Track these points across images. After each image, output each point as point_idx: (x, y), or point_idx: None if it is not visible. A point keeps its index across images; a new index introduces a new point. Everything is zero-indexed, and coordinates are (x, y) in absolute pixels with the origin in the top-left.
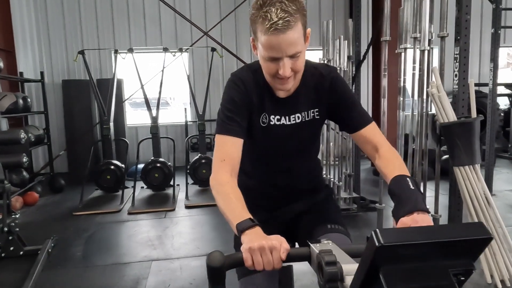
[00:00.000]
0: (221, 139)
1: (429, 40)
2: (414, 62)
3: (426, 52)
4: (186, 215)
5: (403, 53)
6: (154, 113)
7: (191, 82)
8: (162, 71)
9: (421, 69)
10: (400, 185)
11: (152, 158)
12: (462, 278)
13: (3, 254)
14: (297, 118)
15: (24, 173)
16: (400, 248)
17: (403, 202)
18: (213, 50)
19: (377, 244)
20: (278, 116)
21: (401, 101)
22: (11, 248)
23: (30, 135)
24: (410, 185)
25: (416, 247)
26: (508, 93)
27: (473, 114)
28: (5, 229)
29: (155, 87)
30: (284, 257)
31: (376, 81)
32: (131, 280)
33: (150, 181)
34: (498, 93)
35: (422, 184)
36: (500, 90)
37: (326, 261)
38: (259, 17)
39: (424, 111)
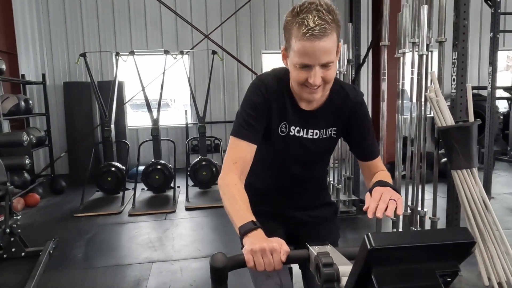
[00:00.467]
0: (236, 142)
1: (428, 45)
2: (413, 67)
3: (425, 57)
4: (187, 217)
5: (402, 58)
6: (155, 115)
7: (192, 85)
8: (163, 74)
9: (420, 74)
10: (379, 183)
11: (153, 160)
12: (449, 279)
13: (5, 255)
14: (315, 134)
15: (26, 175)
16: (390, 251)
17: (377, 183)
18: (214, 53)
19: (369, 247)
20: (298, 128)
21: (400, 105)
22: (13, 249)
23: (32, 137)
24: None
25: (405, 250)
26: (507, 96)
27: (471, 118)
28: (7, 231)
29: (156, 89)
30: (284, 259)
31: (376, 85)
32: (132, 282)
33: (151, 183)
34: (497, 96)
35: (421, 187)
36: (500, 93)
37: (324, 263)
38: (295, 23)
39: (423, 115)
